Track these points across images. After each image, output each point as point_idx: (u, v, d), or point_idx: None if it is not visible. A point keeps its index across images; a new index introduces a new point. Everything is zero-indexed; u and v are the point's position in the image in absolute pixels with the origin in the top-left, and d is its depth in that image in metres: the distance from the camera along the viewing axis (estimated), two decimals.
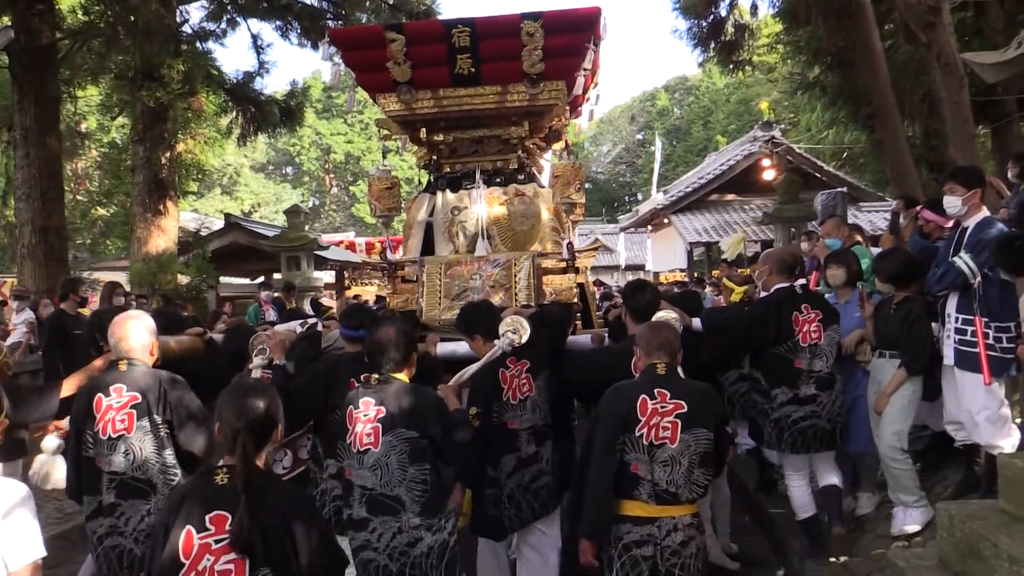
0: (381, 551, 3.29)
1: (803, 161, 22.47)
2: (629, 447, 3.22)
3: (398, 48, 6.40)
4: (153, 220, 12.54)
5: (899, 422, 4.72)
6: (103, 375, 3.64)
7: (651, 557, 3.17)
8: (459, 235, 6.85)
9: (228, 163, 44.83)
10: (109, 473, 3.47)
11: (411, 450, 3.28)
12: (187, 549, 2.27)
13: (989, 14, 12.89)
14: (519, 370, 4.13)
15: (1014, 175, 7.10)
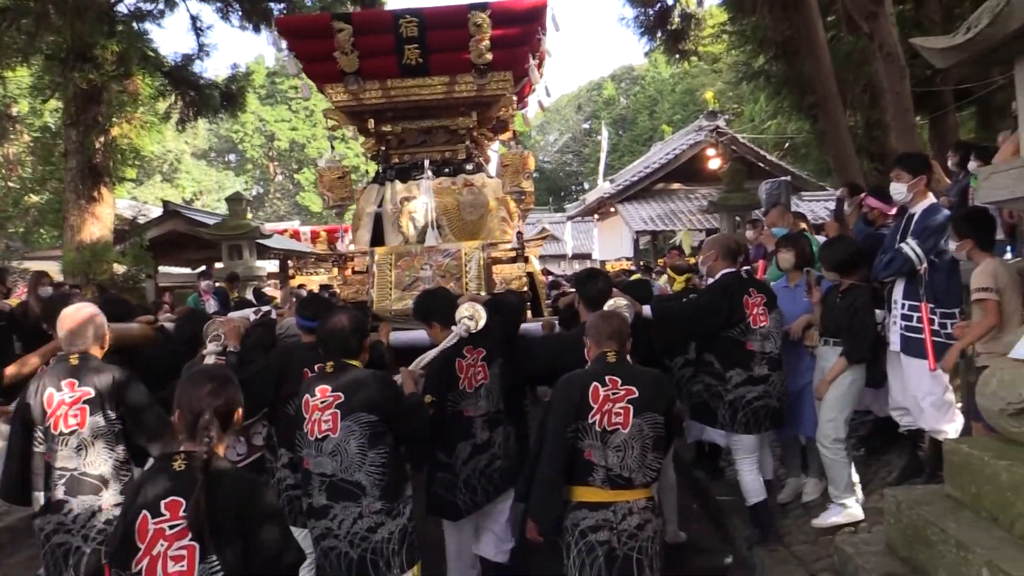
0: (342, 538, 3.33)
1: (747, 151, 22.76)
2: (583, 434, 3.25)
3: (345, 38, 6.40)
4: (87, 207, 12.03)
5: (836, 410, 4.69)
6: (54, 369, 3.55)
7: (607, 541, 3.20)
8: (409, 226, 6.83)
9: (168, 150, 43.72)
10: (60, 469, 3.43)
11: (371, 434, 3.34)
12: (142, 533, 2.29)
13: (928, 6, 13.16)
14: (475, 359, 4.20)
15: (954, 163, 7.25)
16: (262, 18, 14.78)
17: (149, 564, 2.27)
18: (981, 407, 3.56)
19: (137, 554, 2.28)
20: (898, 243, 4.62)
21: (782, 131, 24.71)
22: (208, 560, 2.29)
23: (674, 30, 15.79)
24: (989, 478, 3.32)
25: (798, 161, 23.51)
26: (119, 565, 2.31)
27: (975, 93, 13.00)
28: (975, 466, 3.44)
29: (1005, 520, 3.19)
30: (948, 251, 4.49)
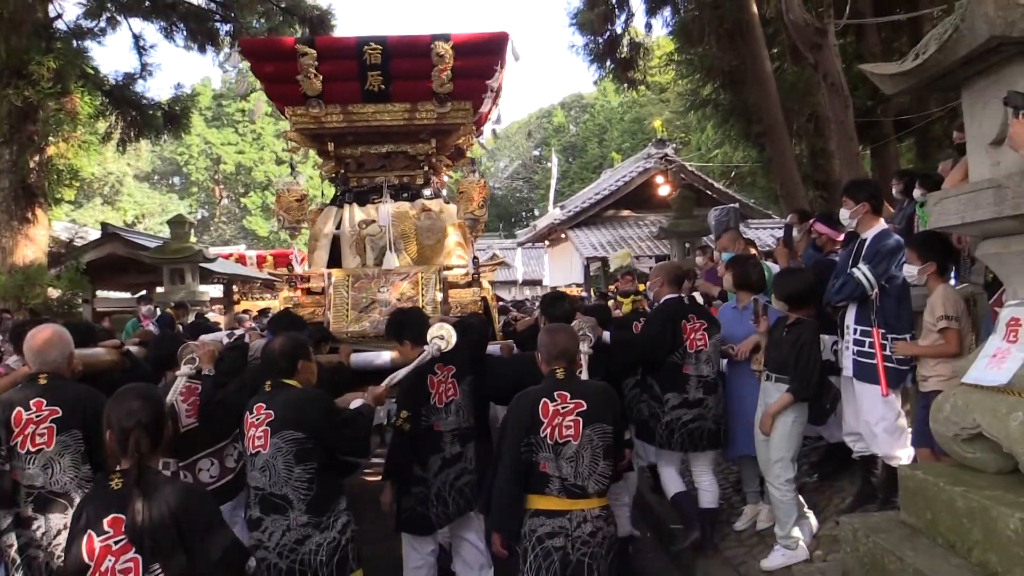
0: (272, 549, 3.44)
1: (695, 179, 23.08)
2: (536, 447, 3.42)
3: (309, 62, 6.51)
4: (20, 229, 11.57)
5: (783, 450, 4.60)
6: (23, 389, 3.63)
7: (562, 547, 3.37)
8: (367, 248, 6.92)
9: (110, 172, 42.74)
10: (27, 487, 3.48)
11: (297, 451, 3.43)
12: (90, 552, 2.42)
13: (868, 39, 13.54)
14: (445, 375, 4.40)
15: (898, 191, 7.35)
16: (207, 38, 14.57)
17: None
18: (934, 432, 3.53)
19: (87, 572, 2.41)
20: (850, 268, 4.62)
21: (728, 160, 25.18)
22: (151, 570, 2.42)
23: (623, 59, 15.97)
24: (945, 504, 3.28)
25: (745, 189, 23.94)
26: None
27: (914, 124, 13.38)
28: (930, 492, 3.40)
29: (962, 547, 3.15)
30: (899, 276, 4.50)
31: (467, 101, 6.92)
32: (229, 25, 14.86)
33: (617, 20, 15.57)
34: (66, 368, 3.75)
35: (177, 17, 14.13)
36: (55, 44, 11.71)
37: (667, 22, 15.37)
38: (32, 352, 3.68)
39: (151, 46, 14.46)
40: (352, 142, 7.27)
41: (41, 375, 3.62)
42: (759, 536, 5.17)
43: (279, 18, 15.05)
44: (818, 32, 9.98)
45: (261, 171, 50.44)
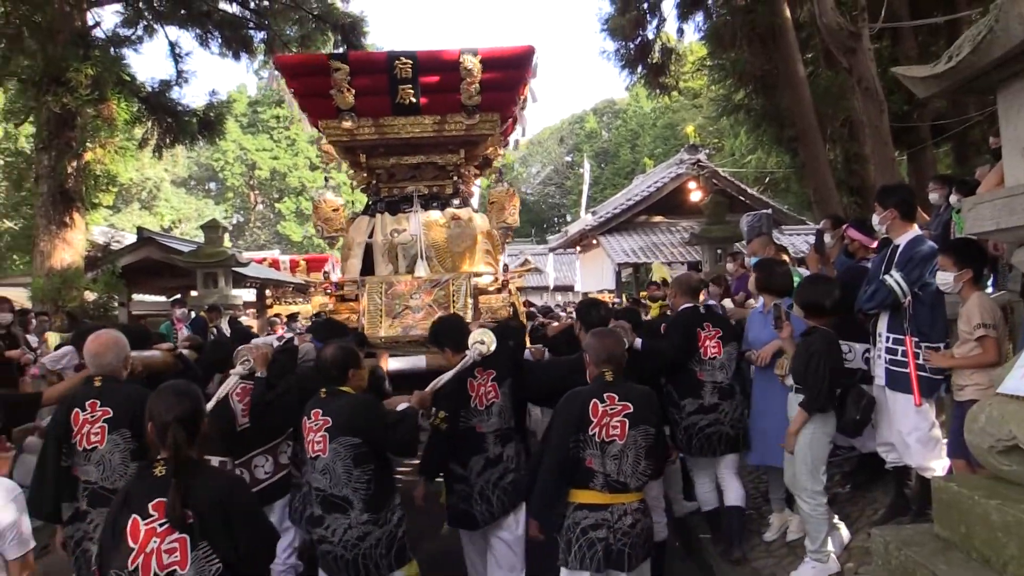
0: (336, 544, 3.71)
1: (728, 184, 22.84)
2: (584, 444, 3.63)
3: (342, 77, 6.71)
4: (58, 233, 11.80)
5: (808, 464, 4.48)
6: (80, 390, 3.89)
7: (604, 539, 3.60)
8: (399, 256, 7.09)
9: (147, 177, 43.43)
10: (84, 482, 3.73)
11: (355, 455, 3.67)
12: (134, 535, 2.57)
13: (904, 43, 13.33)
14: (486, 379, 4.55)
15: (936, 197, 7.21)
16: (242, 45, 14.75)
17: (144, 561, 2.56)
18: (969, 443, 3.43)
19: (131, 554, 2.56)
20: (882, 275, 4.52)
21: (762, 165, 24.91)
22: (200, 547, 2.60)
23: (655, 64, 15.92)
24: (979, 518, 3.19)
25: (778, 195, 23.68)
26: (116, 566, 2.58)
27: (951, 129, 13.15)
28: (964, 505, 3.31)
29: (997, 562, 3.05)
30: (933, 283, 4.39)
31: (494, 113, 7.10)
32: (263, 33, 15.04)
33: (649, 25, 15.53)
34: (120, 371, 3.97)
35: (212, 25, 14.34)
36: (93, 52, 11.90)
37: (699, 27, 15.33)
38: (89, 355, 3.94)
39: (186, 53, 14.70)
40: (383, 153, 7.47)
41: (97, 377, 3.87)
42: (788, 547, 5.08)
43: (312, 25, 15.21)
44: (852, 36, 9.84)
45: (295, 176, 50.97)
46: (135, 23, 13.69)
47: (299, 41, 15.09)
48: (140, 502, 2.61)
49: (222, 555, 2.64)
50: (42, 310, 11.05)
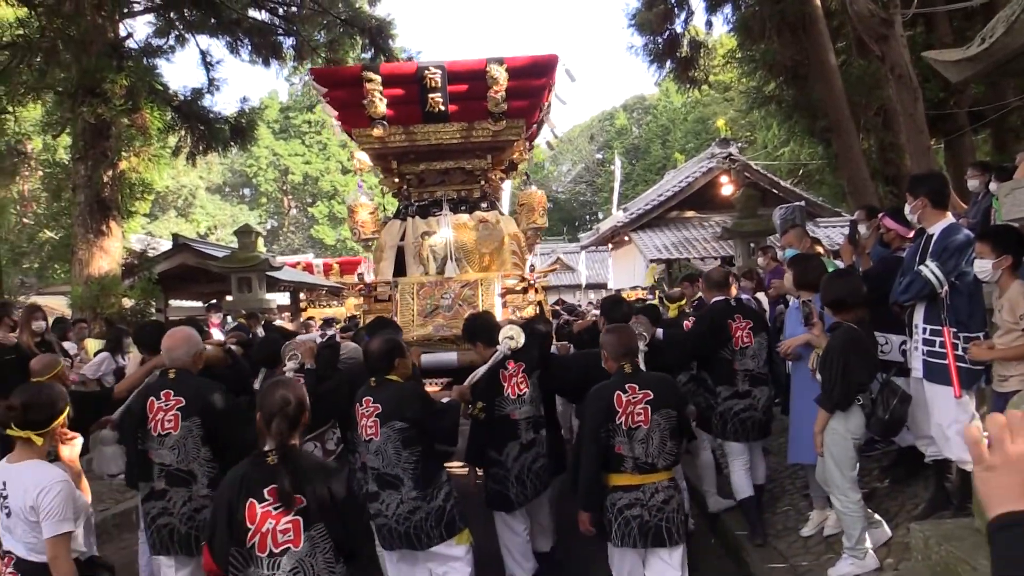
0: (390, 517, 4.08)
1: (760, 177, 22.56)
2: (613, 433, 3.94)
3: (374, 87, 7.03)
4: (95, 241, 11.99)
5: (837, 464, 4.43)
6: (156, 381, 4.34)
7: (640, 516, 3.91)
8: (429, 258, 7.45)
9: (183, 185, 44.13)
10: (159, 464, 4.15)
11: (404, 438, 4.04)
12: (251, 517, 2.85)
13: (939, 29, 13.06)
14: (516, 370, 4.94)
15: (974, 184, 7.05)
16: (271, 52, 14.89)
17: (260, 539, 2.86)
18: None
19: (248, 532, 2.85)
20: (917, 265, 4.42)
21: (795, 158, 24.59)
22: (314, 527, 2.89)
23: (683, 58, 15.78)
24: None
25: (812, 187, 23.35)
26: (234, 544, 2.87)
27: (989, 115, 12.86)
28: None
29: None
30: (970, 272, 4.28)
31: (520, 119, 7.39)
32: (292, 39, 15.15)
33: (676, 19, 15.40)
34: (192, 364, 4.41)
35: (242, 32, 14.48)
36: (126, 62, 12.07)
37: (728, 19, 15.17)
38: (165, 350, 4.42)
39: (217, 61, 14.94)
40: (414, 159, 7.77)
41: (171, 369, 4.30)
42: (827, 543, 5.00)
43: (340, 30, 15.29)
44: (884, 23, 9.66)
45: (327, 181, 51.43)
46: (167, 33, 13.89)
47: (328, 46, 15.20)
48: (256, 487, 2.88)
49: (334, 535, 2.94)
50: (81, 317, 11.24)
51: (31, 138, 19.73)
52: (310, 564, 2.89)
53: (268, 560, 2.87)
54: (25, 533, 3.10)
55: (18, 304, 15.30)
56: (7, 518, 3.13)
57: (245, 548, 2.87)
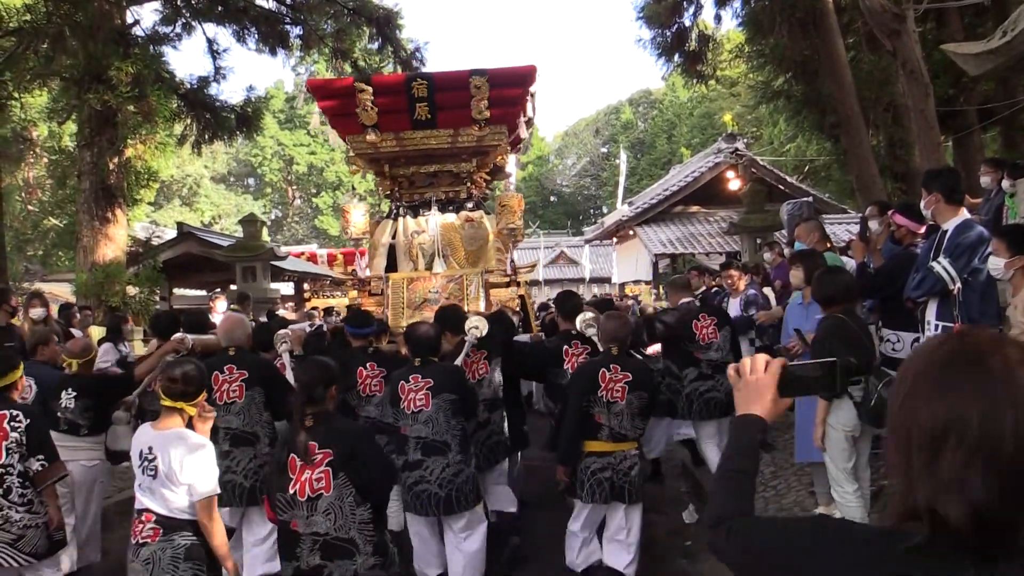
0: (433, 482, 4.53)
1: (767, 173, 22.49)
2: (594, 404, 4.68)
3: (366, 98, 7.65)
4: (100, 228, 11.97)
5: (834, 459, 4.50)
6: (219, 357, 5.03)
7: (609, 478, 4.69)
8: (419, 255, 8.06)
9: (187, 174, 44.10)
10: (224, 428, 4.83)
11: (453, 408, 4.65)
12: (293, 468, 3.45)
13: (950, 25, 12.96)
14: (478, 357, 5.61)
15: (987, 181, 6.99)
16: (278, 41, 14.81)
17: (299, 487, 3.44)
18: None
19: (290, 482, 3.44)
20: (930, 261, 4.38)
21: (802, 153, 24.49)
22: (339, 477, 3.43)
23: (692, 52, 15.64)
24: None
25: (819, 184, 23.27)
26: (279, 489, 3.47)
27: (999, 113, 12.76)
28: None
29: None
30: (983, 269, 4.24)
31: (502, 125, 7.96)
32: (299, 28, 15.07)
33: (685, 12, 15.25)
34: (247, 342, 5.24)
35: (249, 21, 14.38)
36: (133, 50, 12.03)
37: (737, 13, 15.01)
38: (223, 332, 5.22)
39: (224, 50, 14.78)
40: (404, 163, 8.38)
41: (231, 348, 5.08)
42: None
43: (347, 19, 15.21)
44: (896, 18, 9.56)
45: (332, 171, 51.37)
46: (173, 21, 13.81)
47: (335, 35, 15.12)
48: (296, 443, 3.47)
49: (356, 482, 3.45)
50: (85, 304, 11.23)
51: (37, 125, 19.71)
52: (339, 506, 3.44)
53: (306, 503, 3.43)
54: (170, 494, 3.49)
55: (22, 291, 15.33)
56: (152, 479, 3.49)
57: (288, 495, 3.45)
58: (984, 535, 1.04)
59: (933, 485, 1.08)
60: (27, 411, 4.33)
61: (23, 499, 4.19)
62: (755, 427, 1.59)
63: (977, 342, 1.15)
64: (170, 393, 3.57)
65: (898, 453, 1.16)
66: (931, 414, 1.10)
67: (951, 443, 1.07)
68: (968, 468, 1.05)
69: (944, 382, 1.12)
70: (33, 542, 4.20)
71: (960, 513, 1.04)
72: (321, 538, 3.44)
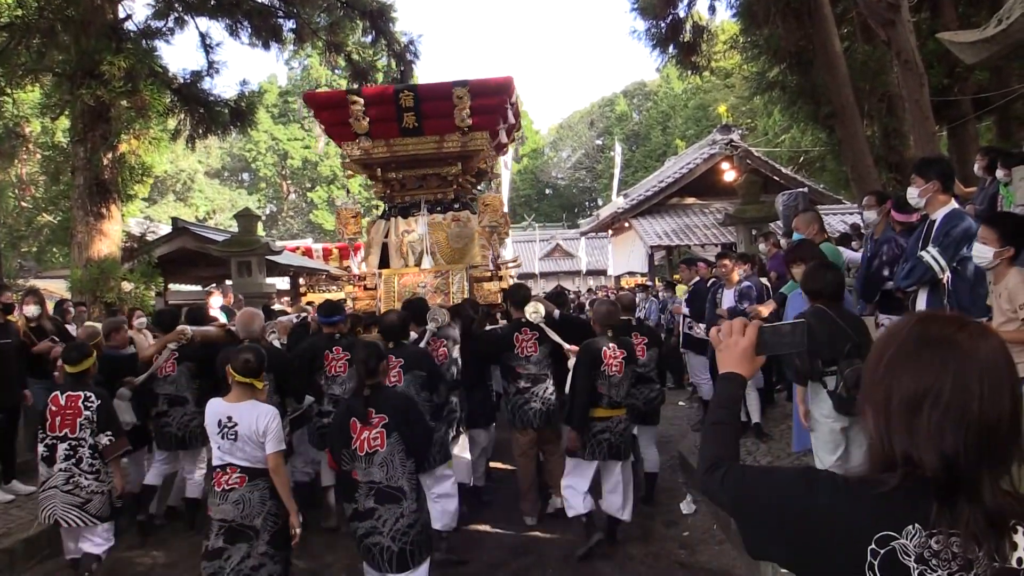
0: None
1: (762, 164, 22.47)
2: (599, 378, 5.60)
3: (358, 108, 8.37)
4: (95, 224, 11.88)
5: (819, 448, 4.61)
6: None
7: (608, 438, 5.62)
8: (409, 252, 8.81)
9: (181, 169, 43.93)
10: None
11: (423, 383, 5.52)
12: (354, 429, 4.21)
13: (945, 15, 12.95)
14: (438, 345, 6.33)
15: (980, 169, 7.00)
16: (271, 34, 14.73)
17: (359, 444, 4.19)
18: None
19: (352, 440, 4.20)
20: (919, 251, 4.39)
21: (796, 144, 24.47)
22: (392, 436, 4.19)
23: (686, 43, 15.63)
24: None
25: (814, 174, 23.27)
26: (344, 445, 4.22)
27: (994, 102, 12.77)
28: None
29: None
30: (971, 258, 4.24)
31: (484, 131, 8.64)
32: (292, 21, 15.00)
33: (680, 3, 15.24)
34: (261, 335, 6.19)
35: (241, 15, 14.28)
36: (125, 44, 11.91)
37: (731, 4, 15.00)
38: (241, 325, 6.20)
39: (217, 44, 14.81)
40: (395, 168, 9.01)
41: (247, 339, 5.92)
42: None
43: (340, 12, 15.14)
44: (891, 8, 9.56)
45: (327, 166, 51.21)
46: (166, 15, 13.68)
47: (328, 29, 15.06)
48: (358, 410, 4.23)
49: (405, 442, 4.21)
50: (80, 301, 11.17)
51: (29, 121, 19.59)
52: (390, 461, 4.18)
53: (364, 458, 4.18)
54: (252, 450, 4.29)
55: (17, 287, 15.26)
56: (233, 442, 4.27)
57: (350, 450, 4.19)
58: (951, 478, 1.26)
59: (911, 440, 1.31)
60: (98, 393, 5.26)
61: (92, 468, 5.11)
62: (736, 383, 1.79)
63: (941, 324, 1.37)
64: (243, 372, 4.36)
65: (878, 416, 1.38)
66: (910, 383, 1.33)
67: (927, 406, 1.30)
68: (941, 425, 1.28)
69: (920, 357, 1.34)
70: (98, 506, 5.12)
71: (934, 460, 1.27)
72: (376, 486, 4.17)
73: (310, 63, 48.73)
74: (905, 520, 1.27)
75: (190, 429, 6.45)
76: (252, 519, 4.26)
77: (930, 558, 1.25)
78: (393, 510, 4.13)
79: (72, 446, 5.08)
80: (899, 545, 1.27)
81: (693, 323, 9.21)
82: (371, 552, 4.15)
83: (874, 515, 1.30)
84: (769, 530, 1.47)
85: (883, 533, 1.28)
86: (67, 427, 5.10)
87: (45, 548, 6.09)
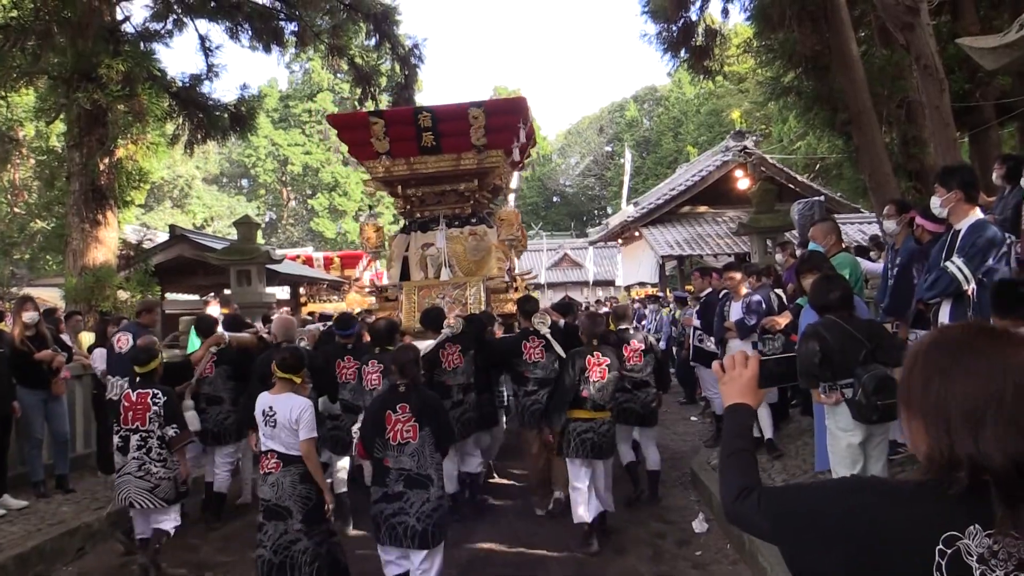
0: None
1: (776, 172, 22.10)
2: (583, 383, 6.11)
3: (379, 128, 9.11)
4: (90, 231, 11.61)
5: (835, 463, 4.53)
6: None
7: (591, 438, 6.06)
8: (428, 265, 9.40)
9: (179, 175, 43.65)
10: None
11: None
12: (389, 421, 4.72)
13: (965, 18, 12.58)
14: (454, 350, 6.98)
15: (1000, 177, 6.67)
16: (272, 37, 14.50)
17: (392, 435, 4.68)
18: None
19: (386, 431, 4.69)
20: (943, 261, 4.22)
21: (812, 151, 24.10)
22: (424, 430, 4.69)
23: (698, 47, 15.31)
24: None
25: (830, 182, 22.89)
26: (378, 435, 4.72)
27: (1017, 108, 12.38)
28: None
29: None
30: (999, 269, 4.11)
31: (499, 149, 9.27)
32: (294, 24, 14.75)
33: (692, 6, 14.91)
34: (295, 339, 6.97)
35: (242, 17, 14.06)
36: (123, 47, 11.70)
37: (745, 7, 14.62)
38: (280, 331, 6.85)
39: (217, 47, 14.54)
40: (414, 185, 9.80)
41: (283, 342, 6.58)
42: None
43: (343, 15, 14.89)
44: (909, 11, 9.19)
45: (328, 172, 50.89)
46: (165, 17, 13.45)
47: (331, 32, 14.80)
48: (392, 404, 4.74)
49: (434, 434, 4.74)
50: (75, 310, 10.87)
51: (23, 125, 19.42)
52: (421, 451, 4.69)
53: (397, 447, 4.69)
54: (288, 437, 4.83)
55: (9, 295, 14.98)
56: (273, 428, 4.85)
57: (384, 439, 4.69)
58: (1019, 480, 1.28)
59: (976, 447, 1.31)
60: (164, 390, 5.93)
61: (160, 457, 5.78)
62: (745, 413, 1.87)
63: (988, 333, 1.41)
64: (282, 367, 4.96)
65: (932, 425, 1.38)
66: (970, 391, 1.34)
67: (991, 413, 1.31)
68: (1007, 431, 1.30)
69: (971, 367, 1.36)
70: (165, 491, 5.78)
71: (1003, 462, 1.29)
72: (406, 472, 4.67)
73: (311, 67, 48.61)
74: (967, 521, 1.31)
75: (224, 426, 7.27)
76: (284, 500, 4.83)
77: (989, 558, 1.29)
78: (421, 495, 4.65)
79: (143, 437, 5.77)
80: (963, 545, 1.30)
81: (704, 336, 8.99)
82: (395, 530, 4.64)
83: (940, 516, 1.33)
84: (820, 545, 1.44)
85: (949, 533, 1.31)
86: (138, 420, 5.79)
87: (37, 564, 6.05)
